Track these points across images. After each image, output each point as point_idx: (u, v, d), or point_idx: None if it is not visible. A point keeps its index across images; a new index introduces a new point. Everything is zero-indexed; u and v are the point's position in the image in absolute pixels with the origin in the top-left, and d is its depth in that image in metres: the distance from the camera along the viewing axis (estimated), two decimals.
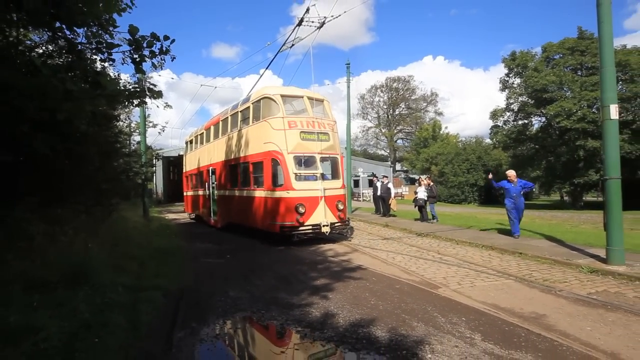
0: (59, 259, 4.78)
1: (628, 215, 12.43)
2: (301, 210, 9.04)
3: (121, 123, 12.58)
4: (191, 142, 17.81)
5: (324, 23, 10.57)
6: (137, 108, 14.01)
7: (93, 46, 4.60)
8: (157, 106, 19.63)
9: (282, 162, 9.27)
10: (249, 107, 10.82)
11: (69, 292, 4.19)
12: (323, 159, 9.85)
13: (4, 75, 3.75)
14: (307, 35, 13.33)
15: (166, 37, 4.39)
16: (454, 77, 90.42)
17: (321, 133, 9.88)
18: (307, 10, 10.24)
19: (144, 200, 16.07)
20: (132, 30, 4.20)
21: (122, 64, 4.68)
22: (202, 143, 15.80)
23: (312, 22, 10.70)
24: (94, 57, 5.11)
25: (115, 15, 4.52)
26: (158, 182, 32.20)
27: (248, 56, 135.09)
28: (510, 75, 28.81)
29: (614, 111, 6.23)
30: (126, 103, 7.33)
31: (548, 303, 4.79)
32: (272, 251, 9.07)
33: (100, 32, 4.66)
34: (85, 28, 4.55)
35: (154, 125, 28.51)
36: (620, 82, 23.04)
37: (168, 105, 13.19)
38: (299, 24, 10.47)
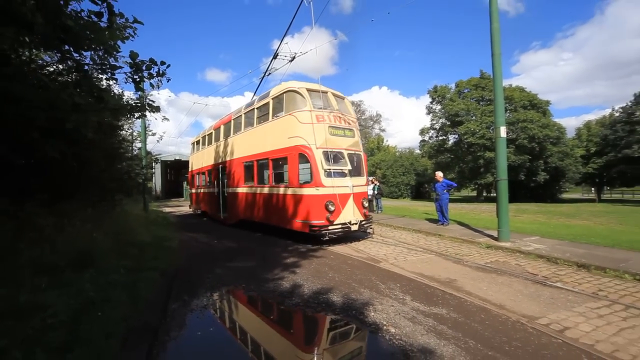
0: (66, 246, 4.37)
1: (512, 206, 13.52)
2: (331, 208, 7.03)
3: (124, 132, 11.71)
4: (198, 142, 15.15)
5: (294, 57, 10.51)
6: (138, 120, 13.20)
7: (98, 67, 4.27)
8: (155, 119, 18.63)
9: (311, 158, 7.13)
10: (268, 103, 8.60)
11: (76, 274, 3.85)
12: (349, 155, 7.76)
13: (17, 89, 3.39)
14: (281, 66, 13.19)
15: (162, 62, 4.16)
16: (394, 102, 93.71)
17: (347, 129, 7.96)
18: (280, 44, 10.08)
19: (144, 196, 15.08)
20: (133, 55, 3.96)
21: (125, 82, 4.39)
22: (210, 143, 13.11)
23: (285, 56, 10.62)
24: (100, 76, 4.74)
25: (118, 42, 4.22)
26: (157, 182, 30.37)
27: (235, 80, 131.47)
28: (433, 103, 30.13)
29: (503, 131, 6.71)
30: (128, 115, 6.89)
31: (458, 271, 5.07)
32: (251, 237, 8.85)
33: (105, 55, 4.33)
34: (92, 52, 4.21)
35: (153, 134, 26.70)
36: (508, 111, 25.01)
37: (165, 118, 12.72)
38: (275, 57, 10.33)
